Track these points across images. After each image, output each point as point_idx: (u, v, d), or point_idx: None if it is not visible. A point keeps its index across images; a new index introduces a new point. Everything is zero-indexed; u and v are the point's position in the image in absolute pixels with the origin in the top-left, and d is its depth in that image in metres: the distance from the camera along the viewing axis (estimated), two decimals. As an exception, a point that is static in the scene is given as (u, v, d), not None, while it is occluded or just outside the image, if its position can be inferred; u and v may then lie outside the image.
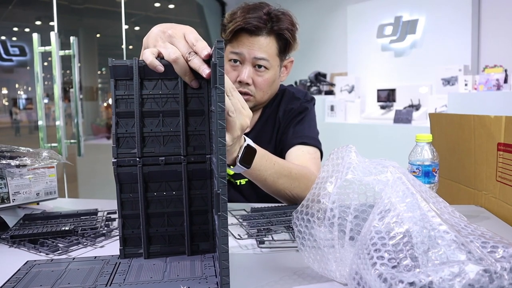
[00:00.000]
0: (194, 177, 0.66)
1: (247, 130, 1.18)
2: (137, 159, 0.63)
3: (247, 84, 1.07)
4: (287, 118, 1.17)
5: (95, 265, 0.63)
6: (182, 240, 0.67)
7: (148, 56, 0.62)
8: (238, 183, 1.16)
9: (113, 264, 0.63)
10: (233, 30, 1.05)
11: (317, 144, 1.13)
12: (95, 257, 0.67)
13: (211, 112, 0.65)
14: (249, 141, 0.80)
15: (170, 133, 0.65)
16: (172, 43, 0.64)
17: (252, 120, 1.19)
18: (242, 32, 1.06)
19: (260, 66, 1.07)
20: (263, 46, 1.06)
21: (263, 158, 0.86)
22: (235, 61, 1.08)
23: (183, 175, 0.66)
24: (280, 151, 1.14)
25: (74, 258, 0.67)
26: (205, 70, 0.61)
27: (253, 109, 1.13)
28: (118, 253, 0.67)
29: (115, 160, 0.63)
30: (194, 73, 0.63)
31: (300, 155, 1.08)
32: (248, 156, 0.80)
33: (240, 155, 0.78)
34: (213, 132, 0.56)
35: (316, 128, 1.19)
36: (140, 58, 0.65)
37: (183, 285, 0.57)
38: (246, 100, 1.09)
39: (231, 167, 0.81)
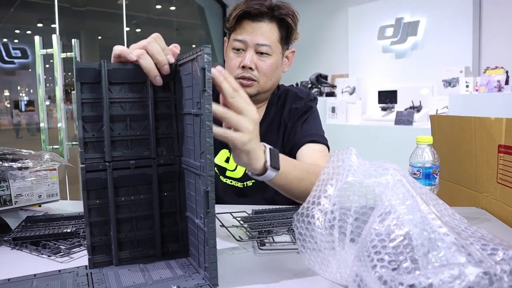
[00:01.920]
0: (164, 180, 0.67)
1: None
2: (107, 163, 0.63)
3: (250, 69, 1.09)
4: (293, 118, 1.18)
5: (65, 279, 0.60)
6: (151, 243, 0.68)
7: (148, 64, 0.63)
8: (245, 185, 1.16)
9: (85, 275, 0.61)
10: (237, 16, 1.09)
11: (325, 142, 1.14)
12: (59, 270, 0.63)
13: (181, 115, 0.67)
14: (268, 145, 0.78)
15: (138, 137, 0.65)
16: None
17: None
18: (245, 19, 1.09)
19: (262, 53, 1.09)
20: (265, 32, 1.08)
21: (285, 160, 0.83)
22: (238, 49, 1.10)
23: (154, 178, 0.66)
24: (289, 151, 1.15)
25: (35, 275, 0.62)
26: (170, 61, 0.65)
27: (256, 96, 1.14)
28: (85, 263, 0.65)
29: (84, 165, 0.62)
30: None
31: (311, 154, 1.09)
32: (274, 158, 0.77)
33: (268, 159, 0.75)
34: (202, 134, 0.57)
35: (321, 127, 1.20)
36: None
37: (173, 285, 0.58)
38: (250, 86, 1.11)
39: (257, 176, 0.77)
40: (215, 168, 1.18)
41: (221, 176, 1.19)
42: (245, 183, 1.16)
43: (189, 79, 0.62)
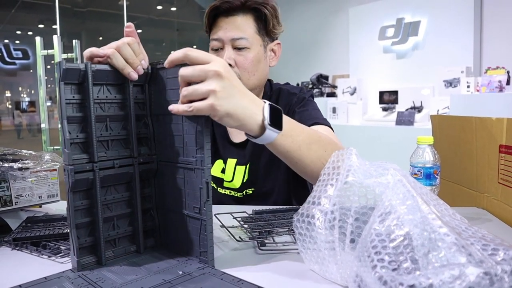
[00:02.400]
0: (143, 178, 0.70)
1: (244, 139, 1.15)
2: (94, 164, 0.63)
3: (230, 65, 1.02)
4: (289, 112, 1.11)
5: (60, 283, 0.58)
6: (131, 240, 0.70)
7: (120, 63, 0.64)
8: (245, 194, 1.14)
9: (78, 277, 0.60)
10: (209, 14, 1.06)
11: (329, 124, 1.06)
12: (46, 277, 0.60)
13: (155, 116, 0.70)
14: (268, 102, 0.69)
15: (118, 137, 0.67)
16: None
17: None
18: (219, 17, 1.06)
19: (240, 48, 1.04)
20: (240, 25, 1.04)
21: (290, 121, 0.73)
22: (217, 48, 1.06)
23: (136, 177, 0.68)
24: None
25: (20, 286, 0.58)
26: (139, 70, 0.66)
27: None
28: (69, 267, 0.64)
29: (72, 167, 0.61)
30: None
31: None
32: (275, 116, 0.67)
33: (267, 116, 0.65)
34: (198, 131, 0.63)
35: (322, 115, 1.12)
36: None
37: (179, 270, 0.61)
38: None
39: (254, 139, 0.68)
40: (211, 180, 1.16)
41: (218, 188, 1.16)
42: (244, 191, 1.14)
43: (175, 82, 0.64)
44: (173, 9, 6.37)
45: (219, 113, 0.61)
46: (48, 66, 2.42)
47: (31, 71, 5.17)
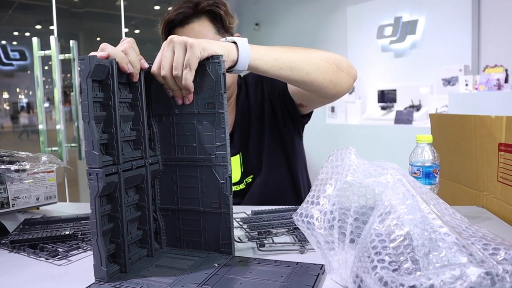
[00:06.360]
0: (152, 178, 0.70)
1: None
2: (118, 166, 0.61)
3: None
4: (263, 82, 1.12)
5: None
6: (140, 244, 0.68)
7: (121, 56, 0.63)
8: (246, 183, 1.14)
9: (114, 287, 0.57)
10: (165, 28, 1.05)
11: None
12: None
13: (162, 116, 0.70)
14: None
15: (129, 138, 0.65)
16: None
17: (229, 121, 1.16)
18: (175, 29, 1.05)
19: None
20: (198, 31, 1.03)
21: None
22: None
23: (148, 178, 0.67)
24: (285, 101, 1.08)
25: None
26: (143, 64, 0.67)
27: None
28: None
29: (101, 170, 0.57)
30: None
31: None
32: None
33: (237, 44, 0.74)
34: (219, 129, 0.65)
35: None
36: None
37: (213, 263, 0.63)
38: None
39: (232, 69, 0.76)
40: None
41: None
42: (244, 181, 1.15)
43: None
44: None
45: (207, 49, 0.65)
46: (46, 67, 2.42)
47: (28, 72, 5.15)
